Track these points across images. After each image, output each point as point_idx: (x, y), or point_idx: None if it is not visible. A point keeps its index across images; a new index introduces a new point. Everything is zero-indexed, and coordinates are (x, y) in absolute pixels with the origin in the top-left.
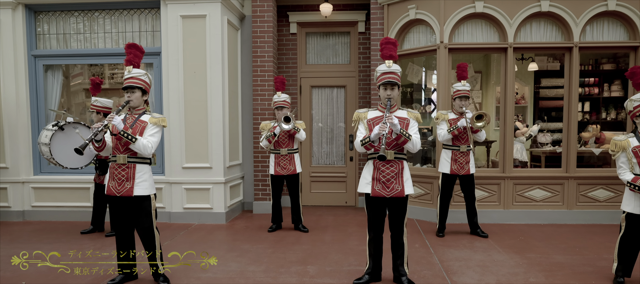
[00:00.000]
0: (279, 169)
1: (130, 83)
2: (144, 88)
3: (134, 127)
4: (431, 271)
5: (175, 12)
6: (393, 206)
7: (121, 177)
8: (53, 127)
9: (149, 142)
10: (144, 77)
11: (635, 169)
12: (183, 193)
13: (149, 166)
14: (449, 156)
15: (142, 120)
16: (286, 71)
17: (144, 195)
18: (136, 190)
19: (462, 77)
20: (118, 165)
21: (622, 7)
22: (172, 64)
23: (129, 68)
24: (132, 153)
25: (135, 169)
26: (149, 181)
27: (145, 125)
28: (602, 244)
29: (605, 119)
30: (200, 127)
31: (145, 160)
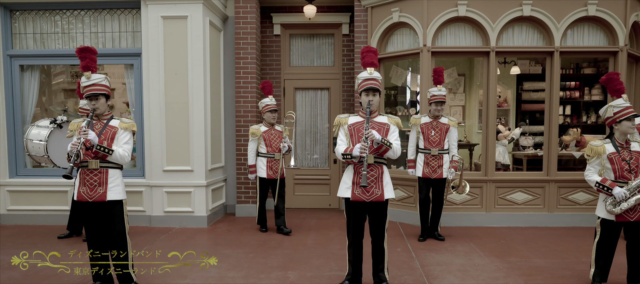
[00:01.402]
0: (271, 173)
1: (94, 90)
2: (107, 93)
3: (105, 133)
4: (412, 276)
5: (156, 12)
6: (373, 210)
7: (93, 182)
8: (51, 124)
9: (125, 150)
10: (105, 82)
11: (608, 175)
12: (164, 197)
13: (120, 171)
14: (422, 159)
15: (112, 125)
16: (270, 73)
17: (117, 200)
18: (109, 194)
19: (438, 82)
20: (90, 170)
21: (602, 12)
22: (152, 65)
23: (88, 75)
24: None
25: (107, 174)
26: (121, 186)
27: (116, 130)
28: (581, 247)
29: (586, 122)
30: (181, 129)
31: (117, 164)
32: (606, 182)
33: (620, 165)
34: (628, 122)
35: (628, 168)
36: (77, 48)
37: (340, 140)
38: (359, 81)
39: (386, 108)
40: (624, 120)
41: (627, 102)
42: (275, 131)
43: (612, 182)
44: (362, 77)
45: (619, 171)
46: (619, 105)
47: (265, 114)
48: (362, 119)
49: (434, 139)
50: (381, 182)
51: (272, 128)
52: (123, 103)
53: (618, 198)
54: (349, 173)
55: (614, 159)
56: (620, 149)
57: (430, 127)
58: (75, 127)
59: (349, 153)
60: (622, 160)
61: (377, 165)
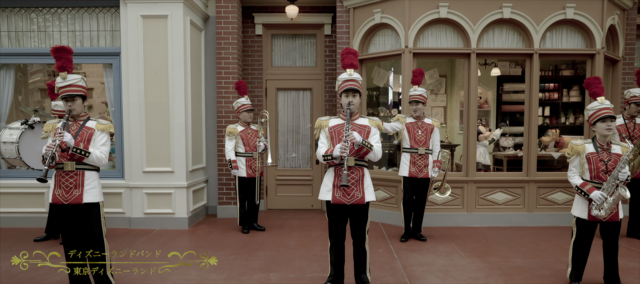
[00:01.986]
0: (250, 171)
1: (70, 91)
2: (84, 94)
3: (81, 134)
4: (394, 277)
5: (136, 11)
6: (354, 213)
7: (69, 185)
8: (21, 125)
9: (102, 152)
10: (82, 82)
11: (585, 175)
12: (144, 198)
13: (97, 173)
14: (408, 159)
15: (88, 126)
16: (251, 73)
17: (93, 202)
18: (86, 197)
19: (414, 82)
20: (65, 173)
21: (580, 16)
22: (132, 65)
23: (64, 75)
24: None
25: (84, 176)
26: (98, 188)
27: (92, 132)
28: (559, 246)
29: (565, 123)
30: (161, 130)
31: (94, 166)
32: (585, 187)
33: (597, 165)
34: (602, 123)
35: (604, 169)
36: (52, 48)
37: (321, 142)
38: (339, 82)
39: (368, 109)
40: (597, 122)
41: (605, 103)
42: (252, 130)
43: (591, 187)
44: (342, 78)
45: (594, 171)
46: (593, 107)
47: (242, 114)
48: (342, 121)
49: (421, 139)
50: (362, 185)
51: (249, 128)
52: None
53: (597, 201)
54: (329, 176)
55: (592, 159)
56: (600, 150)
57: (416, 127)
58: (50, 128)
59: (330, 154)
60: (600, 161)
61: (358, 167)
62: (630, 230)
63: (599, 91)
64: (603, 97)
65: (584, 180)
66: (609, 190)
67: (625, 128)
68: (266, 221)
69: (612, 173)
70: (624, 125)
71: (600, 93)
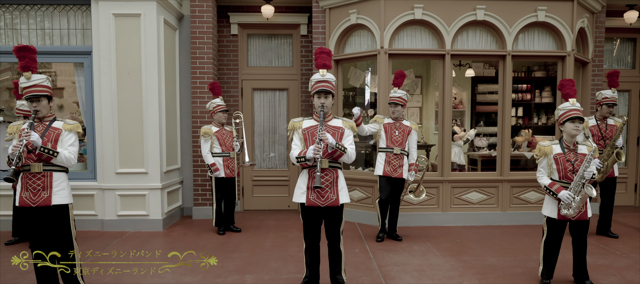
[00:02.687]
0: (228, 171)
1: (35, 92)
2: (49, 95)
3: (48, 135)
4: (369, 277)
5: (107, 10)
6: (329, 215)
7: (37, 187)
8: None
9: (71, 153)
10: (47, 82)
11: (553, 175)
12: (117, 200)
13: (66, 174)
14: (383, 158)
15: (55, 127)
16: (227, 73)
17: (63, 204)
18: (54, 198)
19: (396, 84)
20: (32, 174)
21: (551, 18)
22: (104, 64)
23: (28, 75)
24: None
25: (52, 177)
26: (67, 189)
27: (59, 132)
28: (532, 245)
29: (537, 124)
30: (135, 130)
31: (62, 167)
32: (553, 187)
33: (564, 165)
34: (571, 124)
35: (572, 169)
36: (15, 47)
37: (294, 144)
38: (312, 83)
39: (344, 110)
40: (567, 122)
41: (575, 105)
42: (226, 131)
43: (560, 186)
44: (314, 79)
45: (562, 172)
46: (563, 107)
47: (217, 114)
48: (316, 123)
49: (397, 139)
50: (336, 187)
51: (223, 128)
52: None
53: (565, 201)
54: (303, 178)
55: (559, 160)
56: (567, 150)
57: (393, 128)
58: (14, 130)
59: (303, 155)
60: (567, 161)
61: (332, 169)
62: (599, 228)
63: (571, 93)
64: (574, 99)
65: (553, 180)
66: (576, 189)
67: (598, 129)
68: (242, 222)
69: (578, 173)
70: (597, 126)
71: (572, 95)
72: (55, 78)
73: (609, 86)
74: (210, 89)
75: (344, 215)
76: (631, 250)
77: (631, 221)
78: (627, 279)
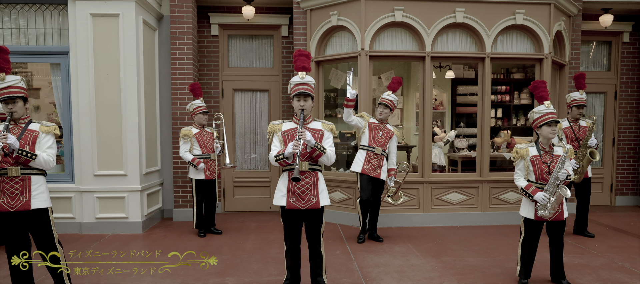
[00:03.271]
0: (208, 173)
1: (9, 93)
2: (24, 96)
3: (24, 137)
4: (350, 278)
5: (85, 9)
6: (309, 217)
7: (15, 191)
8: None
9: (49, 155)
10: (22, 84)
11: (530, 176)
12: (95, 202)
13: (44, 177)
14: (363, 156)
15: (31, 129)
16: (207, 74)
17: (42, 208)
18: (34, 202)
19: (391, 89)
20: (9, 178)
21: (529, 21)
22: (81, 65)
23: (2, 76)
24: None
25: (30, 181)
26: (46, 193)
27: (36, 134)
28: (511, 245)
29: (516, 125)
30: (113, 132)
31: (40, 170)
32: (530, 188)
33: (540, 167)
34: (548, 127)
35: (547, 170)
36: None
37: (274, 146)
38: (291, 85)
39: (325, 111)
40: (543, 126)
41: (550, 108)
42: (207, 132)
43: (536, 188)
44: (294, 81)
45: (539, 173)
46: (540, 111)
47: (197, 116)
48: (296, 125)
49: (380, 139)
50: (316, 189)
51: (204, 130)
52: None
53: (541, 202)
54: (283, 180)
55: (536, 161)
56: (543, 152)
57: (378, 128)
58: None
59: (282, 153)
60: (543, 163)
61: (312, 171)
62: (576, 227)
63: (545, 95)
64: (549, 101)
65: (530, 181)
66: (551, 191)
67: (571, 130)
68: (223, 224)
69: (552, 174)
70: (570, 127)
71: (546, 97)
72: (31, 79)
73: (577, 88)
74: (191, 90)
75: (325, 216)
76: (607, 249)
77: (607, 221)
78: (602, 278)
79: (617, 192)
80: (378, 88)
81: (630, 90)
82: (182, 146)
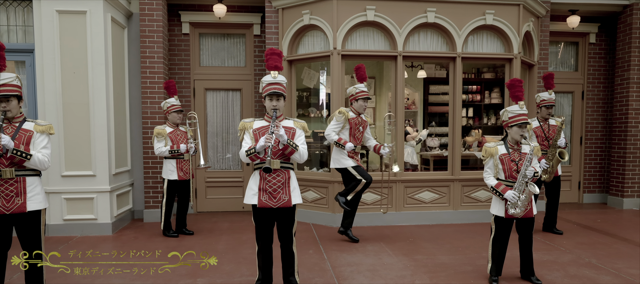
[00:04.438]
0: (182, 174)
1: (5, 92)
2: (19, 94)
3: (18, 137)
4: (323, 278)
5: (51, 6)
6: (281, 216)
7: (10, 193)
8: None
9: (44, 155)
10: (16, 81)
11: (499, 175)
12: (63, 204)
13: (39, 178)
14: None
15: (26, 128)
16: (178, 73)
17: (38, 210)
18: (30, 204)
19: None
20: (4, 180)
21: (499, 22)
22: (47, 63)
23: None
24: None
25: (25, 183)
26: (41, 194)
27: (31, 134)
28: (482, 242)
29: (487, 124)
30: (81, 132)
31: (35, 171)
32: (500, 187)
33: (509, 165)
34: (518, 129)
35: (516, 169)
36: None
37: (245, 143)
38: (263, 84)
39: (298, 110)
40: (514, 126)
41: (523, 109)
42: (181, 131)
43: (505, 186)
44: (266, 80)
45: (508, 171)
46: (513, 111)
47: (171, 114)
48: (267, 123)
49: (359, 137)
50: (288, 187)
51: (178, 129)
52: None
53: (511, 200)
54: (255, 179)
55: (504, 160)
56: (511, 151)
57: (358, 123)
58: None
59: (253, 147)
60: (511, 161)
61: (284, 170)
62: (545, 224)
63: (520, 95)
64: (523, 101)
65: (499, 179)
66: (520, 188)
67: (541, 130)
68: (196, 224)
69: (520, 172)
70: (540, 127)
71: (521, 97)
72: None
73: (546, 88)
74: (165, 88)
75: (299, 215)
76: (574, 246)
77: (575, 218)
78: (570, 274)
79: (584, 190)
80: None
81: (596, 90)
82: (155, 144)
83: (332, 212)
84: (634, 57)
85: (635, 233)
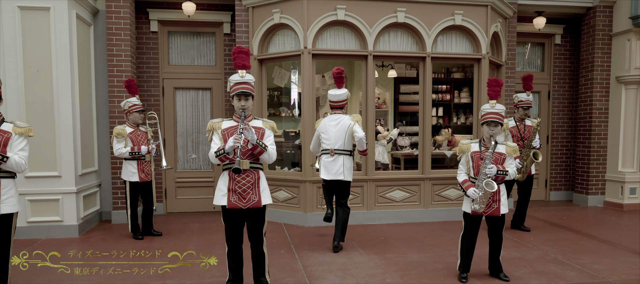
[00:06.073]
0: (143, 175)
1: None
2: None
3: None
4: (294, 278)
5: (12, 2)
6: (251, 217)
7: None
8: None
9: (21, 158)
10: None
11: (471, 172)
12: (27, 205)
13: (14, 181)
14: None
15: (4, 130)
16: (147, 71)
17: (11, 213)
18: (3, 207)
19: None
20: None
21: (467, 22)
22: (9, 61)
23: None
24: None
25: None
26: (15, 197)
27: (9, 136)
28: (452, 240)
29: (457, 123)
30: (45, 132)
31: (10, 173)
32: (465, 184)
33: (477, 163)
34: (487, 127)
35: None
36: None
37: (213, 143)
38: (230, 84)
39: (269, 109)
40: (484, 124)
41: (494, 108)
42: (141, 131)
43: (470, 183)
44: (233, 80)
45: (476, 169)
46: (484, 109)
47: (133, 114)
48: (236, 123)
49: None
50: (258, 188)
51: (138, 129)
52: None
53: (471, 196)
54: (224, 180)
55: (474, 157)
56: (483, 149)
57: None
58: None
59: (222, 148)
60: (480, 158)
61: (253, 170)
62: (514, 222)
63: (492, 94)
64: (495, 101)
65: (470, 177)
66: (481, 186)
67: (517, 130)
68: (165, 225)
69: (480, 170)
70: (516, 127)
71: (493, 97)
72: None
73: (524, 89)
74: (126, 87)
75: (270, 215)
76: (541, 242)
77: (542, 215)
78: (537, 270)
79: (551, 188)
80: (321, 87)
81: (562, 90)
82: (115, 145)
83: (304, 212)
84: (598, 58)
85: (599, 229)
